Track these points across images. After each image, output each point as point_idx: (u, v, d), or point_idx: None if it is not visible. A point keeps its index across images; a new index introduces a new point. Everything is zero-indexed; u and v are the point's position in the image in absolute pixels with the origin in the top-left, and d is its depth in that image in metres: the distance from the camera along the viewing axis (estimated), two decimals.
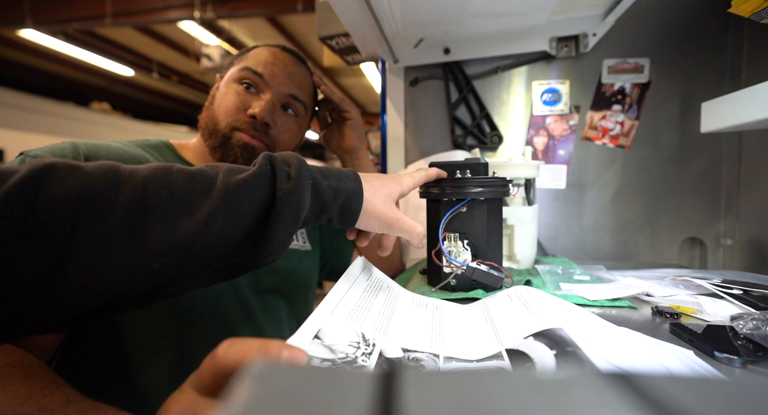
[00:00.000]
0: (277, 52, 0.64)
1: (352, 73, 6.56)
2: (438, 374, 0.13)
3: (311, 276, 0.72)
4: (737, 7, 0.56)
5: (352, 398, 0.12)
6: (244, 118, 0.60)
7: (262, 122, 0.60)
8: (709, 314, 0.42)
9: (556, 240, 0.91)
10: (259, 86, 0.61)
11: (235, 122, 0.59)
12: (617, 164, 0.87)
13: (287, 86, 0.62)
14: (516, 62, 0.90)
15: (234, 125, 0.59)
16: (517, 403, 0.11)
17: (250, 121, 0.60)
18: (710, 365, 0.29)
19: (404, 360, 0.31)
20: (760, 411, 0.11)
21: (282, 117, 0.63)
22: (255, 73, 0.60)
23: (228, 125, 0.60)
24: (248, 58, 0.63)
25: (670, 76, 0.84)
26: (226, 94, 0.61)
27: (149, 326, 0.50)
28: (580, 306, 0.41)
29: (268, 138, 0.61)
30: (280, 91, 0.62)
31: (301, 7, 3.48)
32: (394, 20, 0.76)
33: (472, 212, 0.51)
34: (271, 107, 0.60)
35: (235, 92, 0.61)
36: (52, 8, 3.84)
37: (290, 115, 0.64)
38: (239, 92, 0.61)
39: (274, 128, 0.61)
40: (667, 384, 0.13)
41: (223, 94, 0.61)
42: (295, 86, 0.63)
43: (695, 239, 0.86)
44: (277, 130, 0.62)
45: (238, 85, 0.61)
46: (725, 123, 0.57)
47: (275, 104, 0.61)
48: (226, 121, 0.60)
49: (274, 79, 0.61)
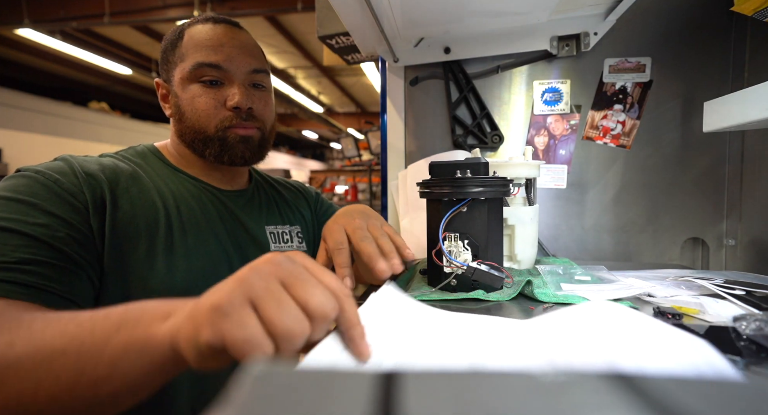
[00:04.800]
0: (214, 28, 0.59)
1: (352, 73, 6.56)
2: (438, 375, 0.13)
3: None
4: (740, 6, 0.56)
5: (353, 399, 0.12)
6: (228, 114, 0.58)
7: (246, 110, 0.58)
8: (712, 315, 0.42)
9: (557, 240, 0.91)
10: (221, 77, 0.58)
11: (223, 122, 0.58)
12: (618, 164, 0.87)
13: (246, 63, 0.59)
14: (517, 61, 0.90)
15: (224, 125, 0.58)
16: (518, 403, 0.11)
17: (236, 113, 0.58)
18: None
19: None
20: (761, 412, 0.11)
21: (257, 94, 0.61)
22: (211, 66, 0.57)
23: (217, 128, 0.58)
24: (191, 50, 0.58)
25: (671, 76, 0.83)
26: (192, 98, 0.58)
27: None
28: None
29: (256, 121, 0.61)
30: (243, 71, 0.59)
31: (300, 6, 3.48)
32: (394, 19, 0.76)
33: (472, 211, 0.51)
34: (245, 92, 0.58)
35: (202, 93, 0.57)
36: (50, 7, 3.83)
37: (261, 89, 0.62)
38: (206, 91, 0.58)
39: (256, 109, 0.60)
40: (667, 385, 0.12)
41: (189, 100, 0.58)
42: (252, 58, 0.60)
43: (697, 239, 0.85)
44: (259, 110, 0.61)
45: (199, 84, 0.58)
46: (728, 122, 0.56)
47: (246, 86, 0.59)
48: (212, 125, 0.58)
49: (232, 62, 0.58)
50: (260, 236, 0.64)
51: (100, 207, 0.49)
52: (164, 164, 0.61)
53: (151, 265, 0.50)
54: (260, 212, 0.67)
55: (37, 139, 5.19)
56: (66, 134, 5.56)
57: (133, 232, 0.50)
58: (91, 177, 0.50)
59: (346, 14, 0.71)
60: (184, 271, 0.52)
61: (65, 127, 5.61)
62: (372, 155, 4.24)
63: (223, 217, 0.60)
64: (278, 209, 0.71)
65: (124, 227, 0.50)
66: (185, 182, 0.60)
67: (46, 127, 5.33)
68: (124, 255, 0.49)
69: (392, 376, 0.13)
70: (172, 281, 0.51)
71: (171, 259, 0.52)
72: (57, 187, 0.47)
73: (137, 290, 0.49)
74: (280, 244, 0.67)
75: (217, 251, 0.57)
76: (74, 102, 5.91)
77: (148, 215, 0.52)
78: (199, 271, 0.54)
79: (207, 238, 0.57)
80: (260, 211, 0.67)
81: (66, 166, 0.50)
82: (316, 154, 12.99)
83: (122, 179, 0.52)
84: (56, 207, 0.45)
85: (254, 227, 0.64)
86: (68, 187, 0.47)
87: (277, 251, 0.64)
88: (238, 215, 0.63)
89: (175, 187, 0.58)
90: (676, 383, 0.13)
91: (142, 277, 0.50)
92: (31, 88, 5.37)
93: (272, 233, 0.67)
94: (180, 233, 0.54)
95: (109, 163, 0.54)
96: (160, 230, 0.52)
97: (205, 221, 0.58)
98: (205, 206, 0.59)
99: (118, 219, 0.49)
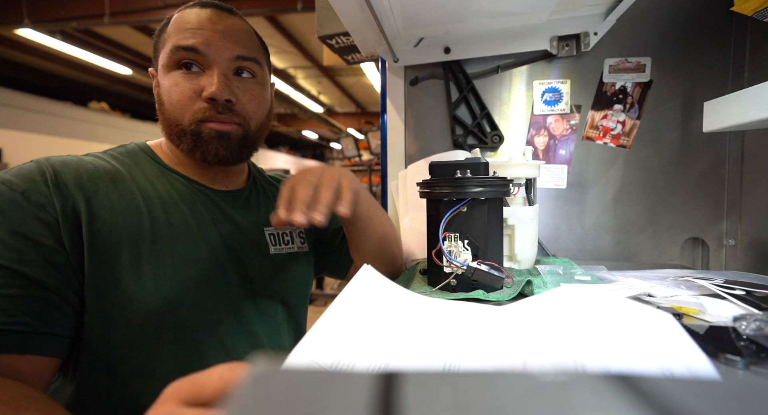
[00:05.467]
0: (198, 12, 0.54)
1: (352, 73, 6.56)
2: (438, 375, 0.13)
3: (309, 277, 0.70)
4: (740, 6, 0.56)
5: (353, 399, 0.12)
6: (203, 105, 0.52)
7: (223, 101, 0.52)
8: (712, 315, 0.42)
9: (557, 240, 0.90)
10: (199, 62, 0.52)
11: (197, 113, 0.52)
12: (618, 164, 0.87)
13: (229, 49, 0.53)
14: (517, 61, 0.90)
15: (197, 118, 0.52)
16: (518, 403, 0.11)
17: (211, 105, 0.52)
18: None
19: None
20: (761, 413, 0.11)
21: (240, 85, 0.55)
22: (187, 49, 0.51)
23: (191, 120, 0.52)
24: (172, 35, 0.53)
25: (671, 76, 0.83)
26: (170, 87, 0.53)
27: (139, 350, 0.48)
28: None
29: (236, 116, 0.54)
30: (224, 56, 0.53)
31: (300, 6, 3.48)
32: (394, 19, 0.76)
33: (472, 211, 0.51)
34: (224, 81, 0.52)
35: (178, 81, 0.52)
36: (49, 7, 3.82)
37: (247, 79, 0.56)
38: (182, 78, 0.52)
39: (238, 103, 0.54)
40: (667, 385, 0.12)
41: (167, 88, 0.53)
42: (237, 44, 0.54)
43: (697, 239, 0.85)
44: (242, 103, 0.55)
45: (177, 70, 0.53)
46: (728, 122, 0.56)
47: (227, 75, 0.53)
48: (187, 117, 0.52)
49: (210, 46, 0.52)
50: (258, 237, 0.61)
51: (72, 218, 0.45)
52: (155, 164, 0.57)
53: (137, 276, 0.47)
54: (258, 212, 0.64)
55: (37, 139, 5.19)
56: (66, 134, 5.55)
57: (115, 241, 0.47)
58: (63, 186, 0.46)
59: (346, 14, 0.71)
60: (174, 280, 0.50)
61: (65, 127, 5.61)
62: (372, 155, 4.24)
63: (216, 219, 0.57)
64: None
65: (104, 236, 0.46)
66: (176, 183, 0.56)
67: (46, 127, 5.33)
68: (107, 266, 0.46)
69: (392, 376, 0.13)
70: (159, 292, 0.48)
71: (159, 268, 0.49)
72: (24, 200, 0.43)
73: (124, 303, 0.46)
74: (280, 245, 0.64)
75: (209, 258, 0.54)
76: (74, 102, 5.91)
77: (130, 222, 0.48)
78: (191, 279, 0.51)
79: (198, 244, 0.53)
80: (258, 211, 0.64)
81: (37, 171, 0.46)
82: (316, 155, 12.99)
83: (101, 185, 0.49)
84: (25, 226, 0.42)
85: (252, 229, 0.61)
86: (36, 200, 0.44)
87: (278, 253, 0.63)
88: (234, 216, 0.59)
89: (164, 189, 0.54)
90: (676, 383, 0.13)
91: (127, 289, 0.47)
92: (31, 88, 5.37)
93: (271, 234, 0.64)
94: (168, 240, 0.50)
95: (88, 166, 0.50)
96: (144, 237, 0.49)
97: (197, 225, 0.54)
98: (196, 209, 0.55)
99: (96, 229, 0.46)
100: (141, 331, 0.48)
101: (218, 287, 0.54)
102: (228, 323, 0.54)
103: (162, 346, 0.49)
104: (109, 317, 0.47)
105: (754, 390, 0.12)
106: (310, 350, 0.29)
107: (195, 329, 0.51)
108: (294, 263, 0.65)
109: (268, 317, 0.60)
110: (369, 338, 0.32)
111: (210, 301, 0.53)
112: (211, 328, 0.53)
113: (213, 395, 0.21)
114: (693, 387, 0.12)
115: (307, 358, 0.29)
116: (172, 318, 0.49)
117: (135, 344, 0.48)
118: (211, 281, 0.53)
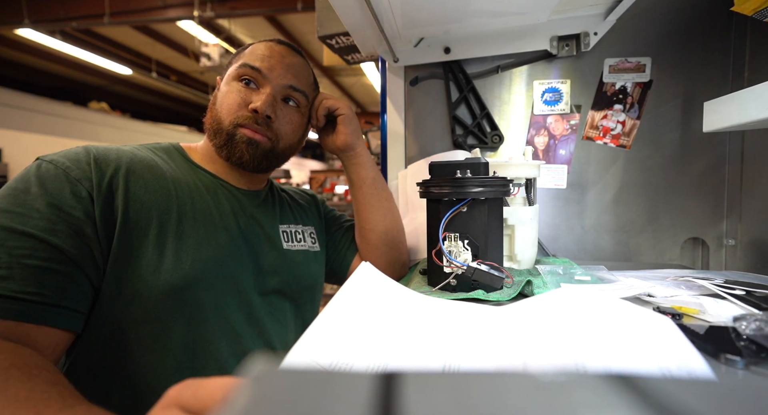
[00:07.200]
0: (273, 45, 0.65)
1: (352, 73, 6.56)
2: (438, 375, 0.13)
3: (318, 277, 0.72)
4: (740, 6, 0.56)
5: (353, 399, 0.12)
6: (247, 114, 0.60)
7: (264, 116, 0.60)
8: (712, 315, 0.42)
9: (556, 240, 0.90)
10: (258, 81, 0.62)
11: (238, 119, 0.60)
12: (618, 164, 0.87)
13: (285, 78, 0.63)
14: (517, 61, 0.90)
15: (237, 122, 0.60)
16: (518, 403, 0.11)
17: (252, 115, 0.60)
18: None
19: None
20: (761, 412, 0.11)
21: (283, 109, 0.64)
22: (253, 68, 0.61)
23: (231, 123, 0.60)
24: (245, 55, 0.64)
25: (671, 76, 0.83)
26: (227, 92, 0.62)
27: (152, 325, 0.50)
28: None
29: (270, 132, 0.62)
30: (279, 83, 0.62)
31: (300, 6, 3.48)
32: (394, 19, 0.76)
33: (472, 211, 0.51)
34: (271, 100, 0.61)
35: (235, 90, 0.62)
36: (50, 7, 3.83)
37: (291, 107, 0.65)
38: (240, 89, 0.62)
39: (276, 121, 0.62)
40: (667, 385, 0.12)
41: (224, 94, 0.62)
42: (293, 77, 0.64)
43: (697, 239, 0.85)
44: (279, 123, 0.63)
45: (238, 82, 0.62)
46: (728, 122, 0.56)
47: (275, 97, 0.62)
48: (229, 119, 0.60)
49: (272, 71, 0.62)
50: (274, 234, 0.66)
51: (107, 193, 0.49)
52: (186, 160, 0.63)
53: (161, 251, 0.51)
54: (274, 210, 0.69)
55: (37, 139, 5.20)
56: (66, 134, 5.56)
57: (146, 217, 0.51)
58: (103, 162, 0.51)
59: (346, 14, 0.71)
60: (193, 259, 0.53)
61: (65, 127, 5.61)
62: (372, 155, 4.24)
63: (236, 213, 0.62)
64: (291, 210, 0.73)
65: (136, 212, 0.51)
66: (203, 177, 0.62)
67: (46, 127, 5.34)
68: (135, 239, 0.50)
69: (392, 376, 0.13)
70: (180, 268, 0.51)
71: (181, 247, 0.53)
72: (65, 176, 0.48)
73: (146, 277, 0.50)
74: (292, 242, 0.68)
75: (227, 244, 0.58)
76: (74, 102, 5.92)
77: (161, 202, 0.53)
78: (209, 260, 0.55)
79: (218, 230, 0.58)
80: (274, 210, 0.69)
81: (83, 152, 0.52)
82: (316, 154, 12.98)
83: (138, 167, 0.54)
84: (60, 198, 0.46)
85: (268, 225, 0.66)
86: (75, 176, 0.48)
87: (289, 249, 0.67)
88: (253, 212, 0.64)
89: (191, 180, 0.60)
90: (676, 383, 0.13)
91: (150, 263, 0.50)
92: (31, 88, 5.37)
93: (285, 231, 0.68)
94: (191, 222, 0.55)
95: (128, 152, 0.56)
96: (171, 217, 0.53)
97: (218, 214, 0.59)
98: (219, 201, 0.61)
99: (130, 204, 0.51)
100: (159, 306, 0.50)
101: (232, 273, 0.57)
102: (238, 311, 0.57)
103: (176, 322, 0.51)
104: (130, 289, 0.49)
105: (754, 390, 0.12)
106: (309, 349, 0.29)
107: (208, 309, 0.54)
108: (304, 260, 0.68)
109: (276, 311, 0.62)
110: (368, 337, 0.32)
111: (224, 284, 0.56)
112: (222, 311, 0.55)
113: (213, 405, 0.21)
114: (693, 387, 0.12)
115: (307, 357, 0.29)
116: (189, 296, 0.52)
117: (151, 318, 0.50)
118: (227, 265, 0.56)
